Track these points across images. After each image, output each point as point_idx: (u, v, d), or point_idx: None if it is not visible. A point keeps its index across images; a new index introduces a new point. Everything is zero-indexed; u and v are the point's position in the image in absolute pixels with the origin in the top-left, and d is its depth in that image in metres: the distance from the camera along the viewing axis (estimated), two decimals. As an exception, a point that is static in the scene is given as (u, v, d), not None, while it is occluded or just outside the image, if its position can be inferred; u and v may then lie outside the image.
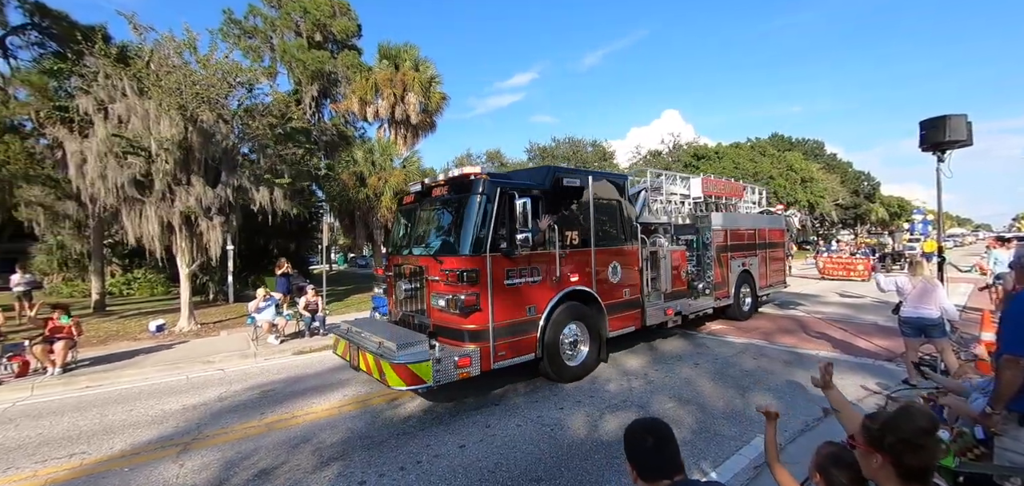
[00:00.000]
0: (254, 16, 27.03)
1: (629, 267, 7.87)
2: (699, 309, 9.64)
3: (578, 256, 7.07)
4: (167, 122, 10.49)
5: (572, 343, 6.93)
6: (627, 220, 7.98)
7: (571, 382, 6.70)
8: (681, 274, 9.05)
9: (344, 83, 25.96)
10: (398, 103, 21.00)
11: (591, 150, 39.09)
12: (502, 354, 6.04)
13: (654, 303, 8.41)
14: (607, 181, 7.85)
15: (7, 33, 15.58)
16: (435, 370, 5.34)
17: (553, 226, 6.62)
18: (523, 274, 6.31)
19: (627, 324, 7.81)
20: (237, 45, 21.94)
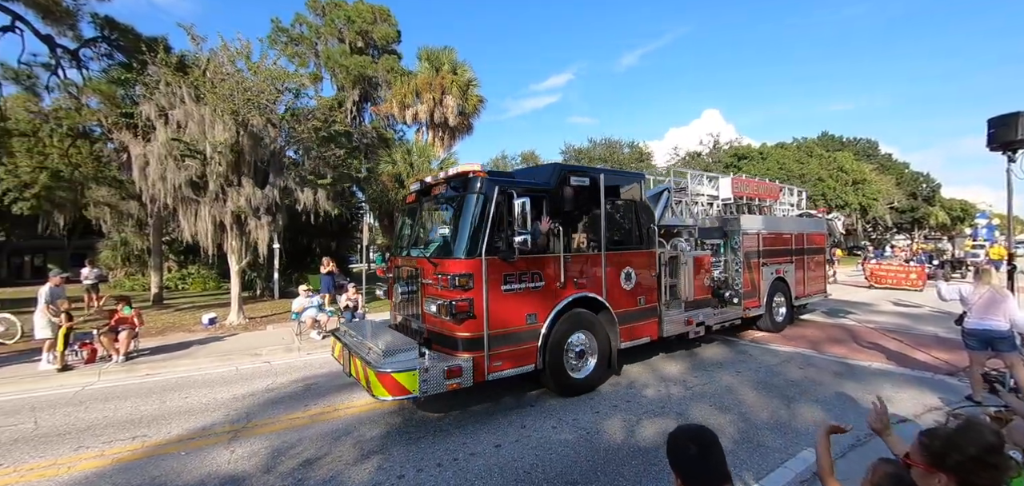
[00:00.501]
0: (300, 24, 28.16)
1: (645, 273, 7.28)
2: (725, 320, 8.95)
3: (587, 260, 6.57)
4: (221, 126, 11.10)
5: (578, 354, 6.39)
6: (643, 222, 7.37)
7: (576, 396, 6.25)
8: (705, 281, 8.37)
9: (384, 87, 26.65)
10: (436, 106, 21.39)
11: (628, 151, 38.53)
12: (498, 365, 5.62)
13: (673, 312, 7.79)
14: (621, 179, 7.31)
15: (80, 46, 16.86)
16: (422, 381, 5.01)
17: (558, 228, 6.15)
18: (523, 279, 5.87)
19: (641, 335, 7.23)
20: (284, 52, 22.90)
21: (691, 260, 8.04)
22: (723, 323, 8.97)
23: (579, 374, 6.40)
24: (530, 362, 5.90)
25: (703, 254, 8.55)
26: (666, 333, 7.60)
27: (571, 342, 6.32)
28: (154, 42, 12.92)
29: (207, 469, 4.52)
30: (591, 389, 6.44)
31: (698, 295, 8.20)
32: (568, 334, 6.26)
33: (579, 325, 6.39)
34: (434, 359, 5.28)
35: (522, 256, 5.78)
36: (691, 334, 8.09)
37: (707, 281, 8.44)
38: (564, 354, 6.20)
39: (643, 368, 7.65)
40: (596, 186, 6.71)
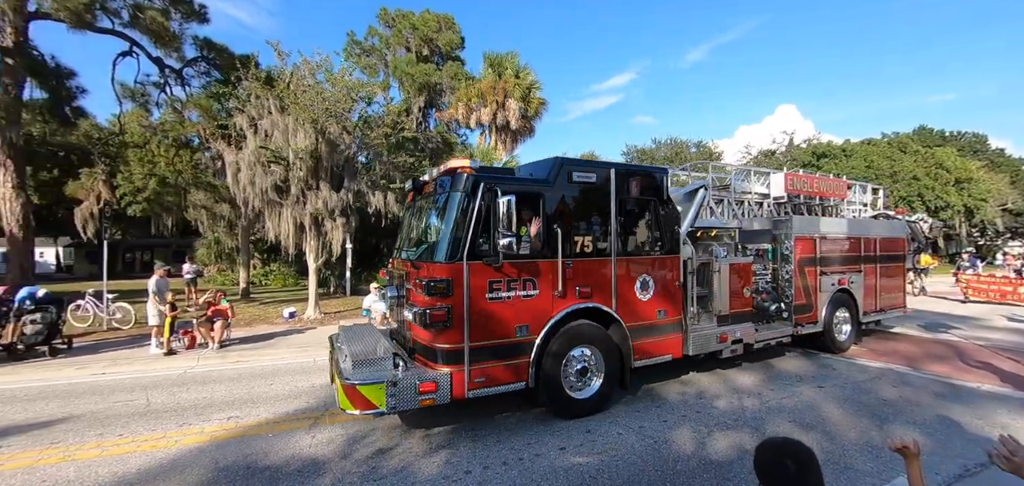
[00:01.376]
0: (372, 36, 29.72)
1: (666, 281, 6.41)
2: (770, 337, 7.83)
3: (593, 266, 5.84)
4: (302, 134, 11.98)
5: (580, 372, 5.68)
6: (666, 223, 6.48)
7: (576, 419, 5.56)
8: (744, 292, 7.38)
9: (448, 92, 27.46)
10: (499, 110, 21.75)
11: (695, 150, 37.07)
12: (481, 381, 5.09)
13: (703, 327, 6.94)
14: (638, 175, 6.53)
15: (184, 65, 18.81)
16: (389, 395, 4.66)
17: (557, 229, 5.51)
18: (512, 286, 5.27)
19: (661, 351, 6.36)
20: (358, 63, 24.24)
21: (726, 267, 7.18)
22: (768, 341, 7.81)
23: (581, 394, 5.71)
24: (520, 379, 5.31)
25: (742, 261, 7.55)
26: (693, 351, 6.67)
27: (572, 357, 5.63)
28: (246, 59, 14.17)
29: (291, 452, 4.88)
30: (595, 412, 5.74)
31: (735, 308, 7.26)
32: (568, 348, 5.57)
33: (581, 339, 5.68)
34: (408, 372, 4.92)
35: (512, 260, 5.25)
36: (725, 352, 7.10)
37: (747, 292, 7.45)
38: (562, 370, 5.53)
39: (713, 378, 7.31)
40: (605, 183, 6.01)
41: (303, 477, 4.33)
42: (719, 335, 7.03)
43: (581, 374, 5.73)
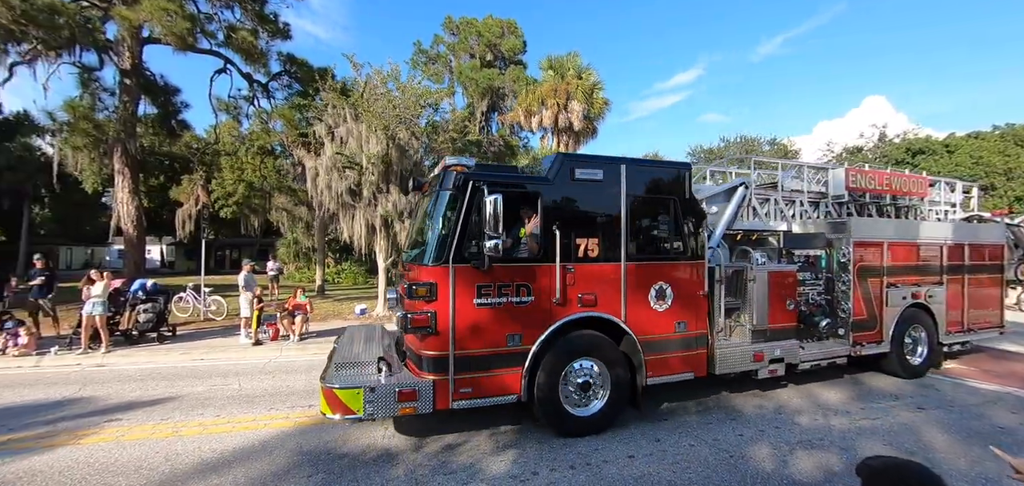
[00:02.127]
0: (438, 44, 30.74)
1: (687, 290, 5.76)
2: (820, 358, 6.80)
3: (600, 271, 5.34)
4: (374, 141, 12.62)
5: (581, 386, 5.22)
6: (687, 225, 5.80)
7: (576, 437, 5.13)
8: (786, 304, 6.46)
9: (510, 96, 27.80)
10: (561, 111, 21.72)
11: (769, 149, 34.90)
12: (467, 392, 4.85)
13: (735, 343, 6.19)
14: (654, 172, 6.03)
15: (270, 79, 20.47)
16: (367, 401, 4.58)
17: (555, 230, 5.08)
18: (503, 292, 4.94)
19: (680, 368, 5.73)
20: (425, 72, 25.15)
21: (764, 275, 6.25)
22: (817, 362, 6.79)
23: (581, 411, 5.25)
24: (511, 392, 5.01)
25: (784, 268, 6.66)
26: (720, 370, 5.96)
27: (572, 370, 5.21)
28: (323, 71, 15.19)
29: (367, 441, 5.13)
30: (598, 431, 5.25)
31: (776, 322, 6.35)
32: (567, 361, 5.18)
33: (583, 351, 5.25)
34: (389, 379, 4.77)
35: (505, 264, 4.96)
36: (761, 373, 6.27)
37: (791, 304, 6.51)
38: (560, 385, 5.13)
39: (793, 392, 6.83)
40: (615, 180, 5.49)
41: (379, 466, 4.54)
42: (754, 353, 6.18)
43: (582, 389, 5.25)
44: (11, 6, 13.15)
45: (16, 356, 9.28)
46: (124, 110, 17.39)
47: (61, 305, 11.88)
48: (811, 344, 6.97)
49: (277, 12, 19.59)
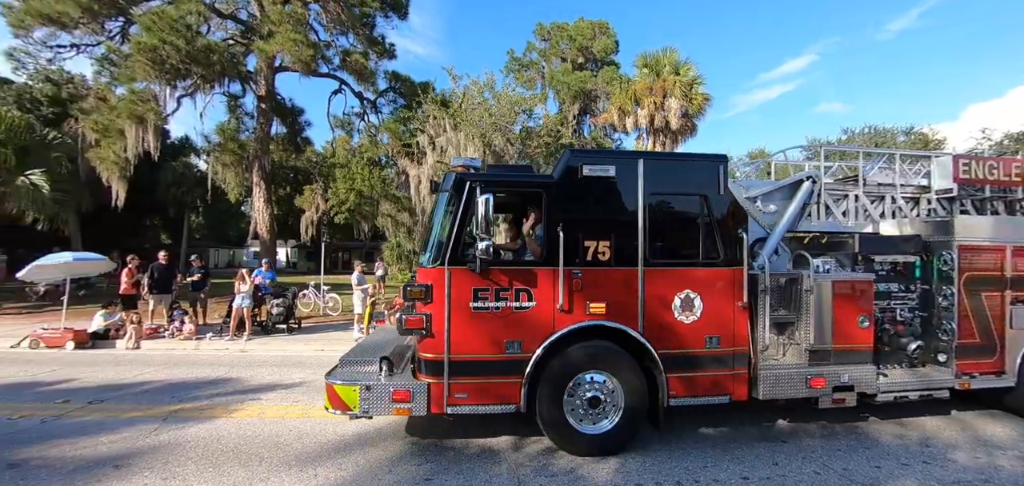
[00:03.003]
0: (530, 51, 31.24)
1: (720, 300, 5.08)
2: (910, 387, 5.61)
3: (612, 276, 4.91)
4: (471, 148, 13.15)
5: (590, 401, 4.81)
6: (721, 226, 5.15)
7: (588, 455, 4.75)
8: (858, 321, 5.33)
9: (603, 98, 27.35)
10: (657, 110, 20.86)
11: (905, 139, 30.50)
12: (462, 397, 4.70)
13: (784, 364, 5.33)
14: (678, 167, 5.55)
15: (377, 96, 22.28)
16: (362, 399, 4.63)
17: (559, 232, 4.77)
18: (501, 296, 4.75)
19: (713, 390, 5.06)
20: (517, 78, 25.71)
21: (827, 286, 5.25)
22: (904, 393, 5.58)
23: (590, 428, 4.84)
24: (510, 401, 4.75)
25: (854, 277, 5.59)
26: (764, 394, 5.12)
27: (580, 383, 4.83)
28: (425, 86, 16.22)
29: (469, 437, 5.32)
30: (611, 453, 4.81)
31: (843, 342, 5.29)
32: (574, 372, 4.83)
33: (592, 363, 4.86)
34: (387, 379, 4.82)
35: (504, 267, 4.83)
36: (823, 401, 5.31)
37: (864, 321, 5.36)
38: (565, 398, 4.81)
39: (944, 422, 5.87)
40: (631, 177, 5.02)
41: (482, 462, 4.70)
42: (810, 377, 5.22)
43: (591, 405, 4.84)
44: (179, 49, 15.78)
45: (181, 340, 11.05)
46: (260, 130, 20.03)
47: (210, 298, 13.93)
48: (898, 370, 5.86)
49: (384, 34, 21.34)
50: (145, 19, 16.65)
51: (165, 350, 10.42)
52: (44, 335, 10.50)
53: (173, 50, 15.79)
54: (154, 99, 17.16)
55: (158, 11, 16.91)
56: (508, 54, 30.71)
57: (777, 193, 6.29)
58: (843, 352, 5.29)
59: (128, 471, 4.47)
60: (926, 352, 5.87)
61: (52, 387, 7.48)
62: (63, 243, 19.13)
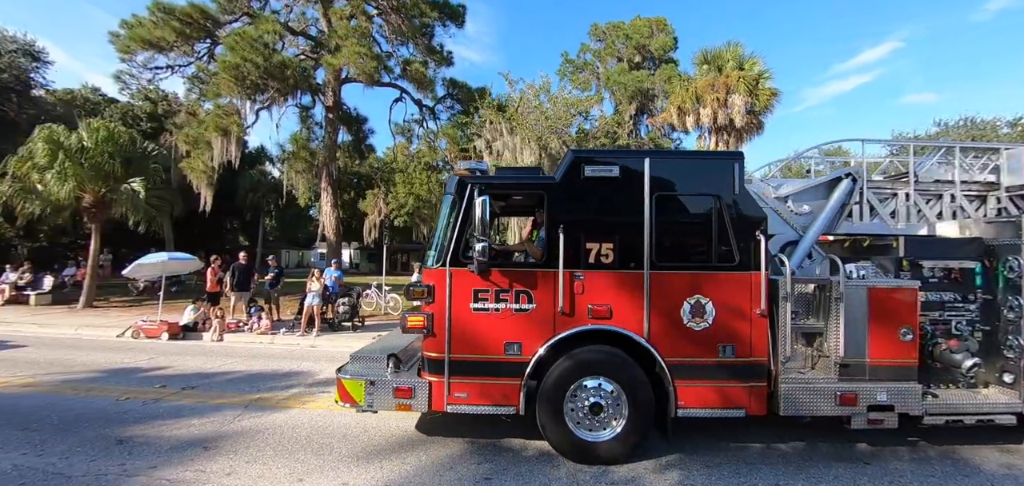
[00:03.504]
0: (584, 52, 30.99)
1: (734, 307, 4.79)
2: (964, 411, 4.96)
3: (616, 280, 4.79)
4: (528, 152, 13.23)
5: (592, 407, 4.69)
6: (735, 228, 4.83)
7: (591, 464, 4.65)
8: (899, 333, 4.82)
9: (661, 97, 26.61)
10: (720, 108, 19.98)
11: (1009, 131, 27.32)
12: (461, 397, 4.79)
13: (811, 378, 4.91)
14: (689, 166, 5.29)
15: (435, 103, 22.94)
16: (367, 393, 4.87)
17: (560, 234, 4.71)
18: (501, 297, 4.79)
19: (725, 402, 4.77)
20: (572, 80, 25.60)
21: (862, 293, 4.80)
22: (958, 417, 4.95)
23: (592, 435, 4.73)
24: (509, 403, 4.77)
25: (895, 284, 5.02)
26: (787, 410, 4.77)
27: (583, 388, 4.72)
28: (482, 91, 16.52)
29: (526, 439, 5.33)
30: (616, 462, 4.67)
31: (880, 356, 4.82)
32: (576, 377, 4.72)
33: (593, 368, 4.74)
34: (392, 376, 5.00)
35: (505, 269, 4.90)
36: (856, 421, 4.82)
37: (908, 333, 4.82)
38: (566, 402, 4.72)
39: None
40: (636, 177, 4.86)
41: (541, 465, 4.70)
42: (840, 394, 4.77)
43: (593, 411, 4.71)
44: (258, 65, 17.07)
45: (259, 334, 11.90)
46: (328, 139, 21.24)
47: (282, 296, 14.90)
48: (952, 390, 5.20)
49: (442, 43, 21.97)
50: (229, 40, 18.19)
51: (245, 343, 11.28)
52: (143, 326, 11.70)
53: (253, 67, 17.11)
54: (237, 113, 18.71)
55: (240, 32, 18.41)
56: (562, 56, 30.64)
57: (811, 192, 5.77)
58: (880, 368, 4.79)
59: (215, 453, 4.88)
60: (987, 371, 5.17)
61: (150, 373, 8.32)
62: (159, 244, 21.25)
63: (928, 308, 5.17)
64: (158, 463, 4.64)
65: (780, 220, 5.61)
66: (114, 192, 16.13)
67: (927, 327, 5.18)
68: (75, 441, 5.10)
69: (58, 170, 14.67)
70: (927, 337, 5.17)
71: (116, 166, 16.09)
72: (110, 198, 16.25)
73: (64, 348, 10.45)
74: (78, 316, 14.80)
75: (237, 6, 20.42)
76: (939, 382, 5.24)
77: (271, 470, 4.52)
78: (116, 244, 25.62)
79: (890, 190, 6.09)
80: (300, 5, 21.90)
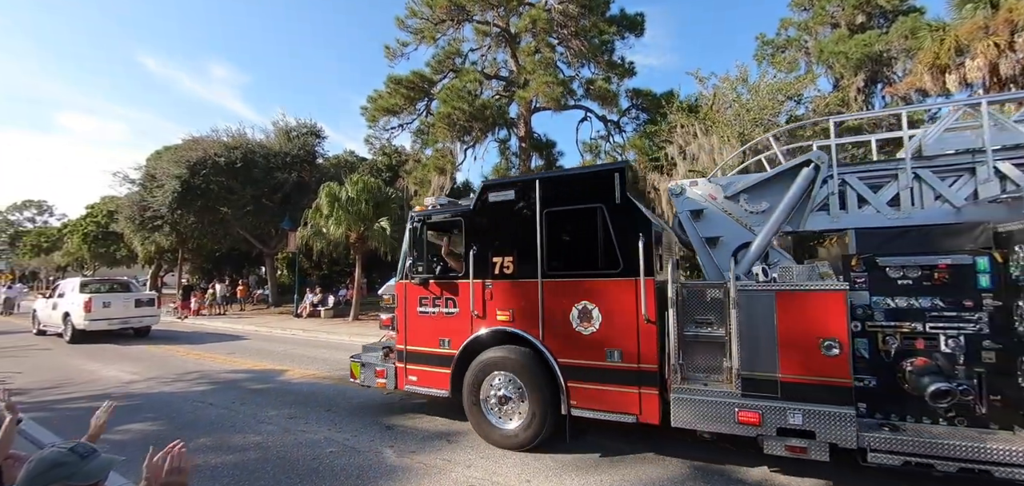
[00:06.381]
0: (786, 28, 27.09)
1: (619, 313, 4.91)
2: (933, 452, 3.81)
3: (516, 288, 5.55)
4: (727, 150, 12.13)
5: (500, 399, 5.52)
6: (620, 236, 4.95)
7: (501, 448, 5.46)
8: (820, 346, 4.06)
9: (901, 58, 21.38)
10: (1003, 53, 14.93)
11: None
12: (413, 379, 6.24)
13: (708, 392, 4.50)
14: (574, 182, 5.65)
15: (620, 116, 22.88)
16: (362, 373, 6.82)
17: (472, 251, 5.80)
18: (436, 303, 6.09)
19: (615, 406, 4.93)
20: (775, 64, 22.58)
21: (767, 299, 4.31)
22: (922, 459, 3.85)
23: (501, 422, 5.58)
24: (442, 387, 5.95)
25: (812, 288, 4.23)
26: (679, 422, 4.56)
27: (493, 381, 5.59)
28: (669, 96, 15.84)
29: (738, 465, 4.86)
30: (521, 448, 5.36)
31: (791, 372, 4.19)
32: (489, 370, 5.62)
33: (498, 365, 5.55)
34: (379, 362, 6.67)
35: (439, 281, 6.08)
36: (769, 447, 4.24)
37: (834, 347, 4.02)
38: (482, 392, 5.66)
39: None
40: (529, 197, 5.57)
41: None
42: (739, 411, 4.34)
43: (501, 402, 5.55)
44: (464, 111, 19.74)
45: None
46: (523, 166, 23.10)
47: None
48: (929, 426, 4.16)
49: (623, 55, 21.91)
50: (441, 94, 21.52)
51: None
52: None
53: (461, 113, 19.85)
54: (450, 153, 21.90)
55: (449, 86, 21.62)
56: (757, 39, 27.23)
57: (769, 186, 5.35)
58: (795, 385, 4.23)
59: (457, 446, 5.74)
60: (966, 403, 4.00)
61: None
62: (398, 270, 26.01)
63: (898, 317, 4.32)
64: (416, 449, 5.68)
65: (731, 221, 5.52)
66: (369, 230, 20.47)
67: (896, 343, 4.31)
68: (359, 424, 6.60)
69: (335, 216, 19.39)
70: (892, 355, 4.32)
71: (369, 210, 20.42)
72: (367, 234, 20.65)
73: (345, 350, 13.62)
74: (350, 326, 19.13)
75: (444, 66, 24.04)
76: (919, 414, 4.21)
77: (502, 467, 5.09)
78: (370, 270, 32.29)
79: (889, 171, 5.01)
80: (491, 52, 24.59)
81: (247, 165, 24.34)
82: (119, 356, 12.46)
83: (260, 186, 25.09)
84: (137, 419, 7.02)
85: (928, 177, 4.97)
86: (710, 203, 5.68)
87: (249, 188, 24.57)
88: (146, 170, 27.47)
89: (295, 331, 17.75)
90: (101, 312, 14.52)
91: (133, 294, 16.23)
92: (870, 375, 4.36)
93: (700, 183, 5.91)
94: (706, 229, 5.72)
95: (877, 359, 4.34)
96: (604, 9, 21.43)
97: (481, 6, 22.26)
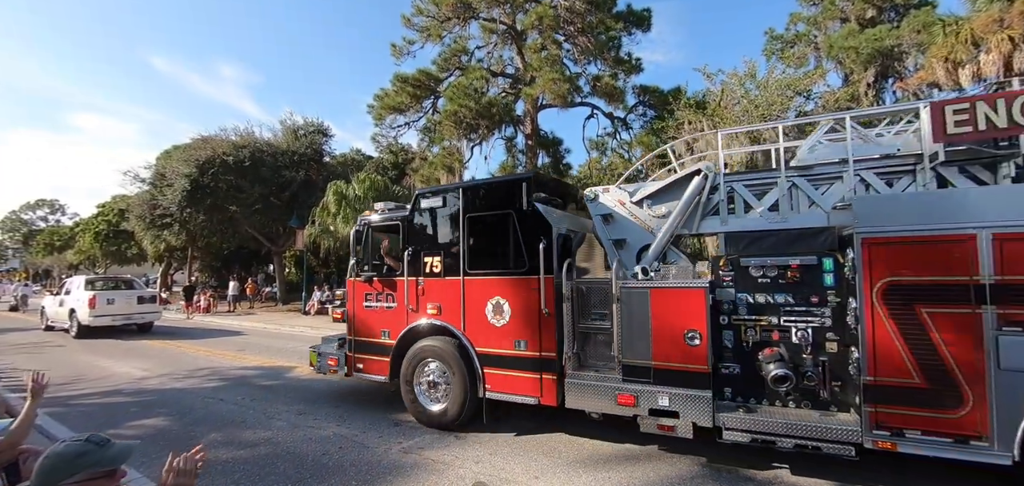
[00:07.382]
0: (795, 23, 26.85)
1: (524, 307, 5.61)
2: (777, 430, 4.37)
3: (443, 285, 6.22)
4: (735, 147, 12.02)
5: (431, 384, 6.22)
6: (525, 238, 5.61)
7: (432, 428, 6.13)
8: (684, 337, 4.70)
9: (912, 52, 21.12)
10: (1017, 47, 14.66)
11: None
12: (360, 367, 6.88)
13: (593, 377, 5.32)
14: (489, 190, 6.24)
15: (627, 113, 22.77)
16: (318, 361, 7.43)
17: (407, 252, 6.47)
18: (378, 298, 6.69)
19: (520, 390, 5.63)
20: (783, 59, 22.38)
21: (642, 295, 4.91)
22: (766, 436, 4.43)
23: (432, 404, 6.23)
24: (383, 373, 6.60)
25: (677, 285, 4.84)
26: (571, 403, 5.34)
27: (424, 368, 6.28)
28: (676, 92, 15.72)
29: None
30: (449, 429, 6.01)
31: (664, 360, 4.82)
32: (421, 358, 6.27)
33: (428, 353, 6.24)
34: (334, 352, 7.33)
35: (381, 278, 6.71)
36: (644, 425, 4.93)
37: (695, 338, 4.64)
38: (415, 378, 6.29)
39: None
40: (453, 202, 6.22)
41: None
42: (618, 393, 5.04)
43: (431, 387, 6.20)
44: (471, 109, 19.72)
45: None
46: (530, 163, 23.06)
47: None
48: (779, 408, 4.66)
49: (630, 51, 21.78)
50: (448, 92, 21.51)
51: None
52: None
53: (467, 111, 19.85)
54: (457, 151, 21.90)
55: (455, 84, 21.61)
56: (766, 34, 27.00)
57: (667, 193, 5.78)
58: (664, 371, 4.83)
59: (466, 443, 5.75)
60: (800, 390, 4.58)
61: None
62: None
63: (758, 311, 4.82)
64: (424, 444, 5.70)
65: (636, 225, 5.98)
66: (376, 228, 20.58)
67: (753, 334, 4.82)
68: (367, 420, 6.64)
69: (342, 214, 19.45)
70: (750, 346, 4.83)
71: (375, 208, 20.53)
72: (373, 233, 20.77)
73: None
74: (358, 326, 19.26)
75: (451, 64, 24.04)
76: (772, 399, 4.72)
77: (510, 464, 5.10)
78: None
79: (764, 183, 5.54)
80: (498, 49, 24.52)
81: (255, 164, 24.49)
82: (131, 353, 12.61)
83: (268, 184, 25.24)
84: (151, 415, 7.11)
85: (803, 185, 5.41)
86: (619, 208, 6.16)
87: (257, 186, 24.72)
88: (156, 169, 27.73)
89: (303, 328, 17.87)
90: (105, 308, 14.89)
91: (135, 291, 16.80)
92: (734, 363, 4.91)
93: (611, 190, 6.36)
94: (615, 232, 6.26)
95: (740, 349, 4.88)
96: (611, 5, 21.29)
97: (487, 3, 22.22)
